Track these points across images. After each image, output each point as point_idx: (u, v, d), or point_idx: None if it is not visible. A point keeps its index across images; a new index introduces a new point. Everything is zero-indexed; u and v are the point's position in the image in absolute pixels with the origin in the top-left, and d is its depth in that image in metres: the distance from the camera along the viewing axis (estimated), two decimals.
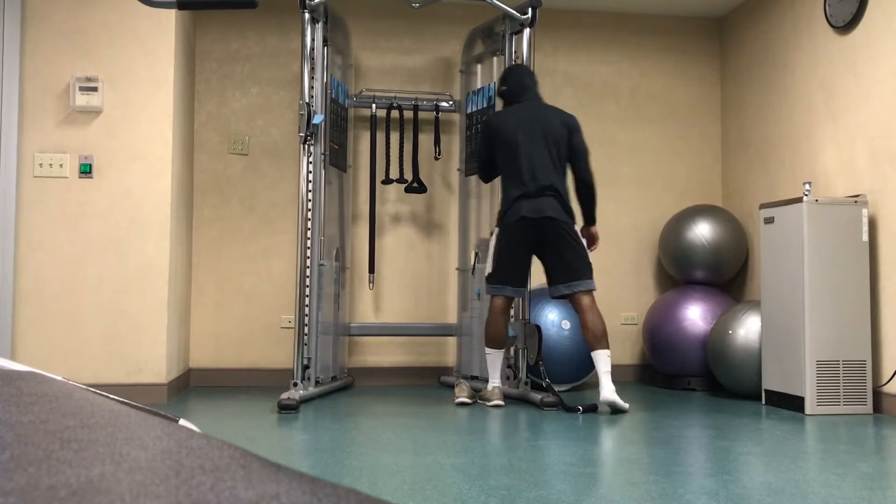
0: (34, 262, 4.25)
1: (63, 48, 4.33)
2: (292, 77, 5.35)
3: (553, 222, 4.10)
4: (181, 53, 4.67)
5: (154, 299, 4.31)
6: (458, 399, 4.31)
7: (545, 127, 4.20)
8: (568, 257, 4.13)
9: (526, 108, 4.27)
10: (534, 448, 3.09)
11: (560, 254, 4.13)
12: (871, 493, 2.40)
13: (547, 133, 4.19)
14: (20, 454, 0.51)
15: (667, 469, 2.73)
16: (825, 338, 4.09)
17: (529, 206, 4.11)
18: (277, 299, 5.25)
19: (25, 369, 0.99)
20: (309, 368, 4.38)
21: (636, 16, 5.80)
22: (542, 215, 4.09)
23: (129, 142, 4.35)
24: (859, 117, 4.39)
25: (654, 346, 5.20)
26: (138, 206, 4.33)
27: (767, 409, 4.26)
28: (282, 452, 2.98)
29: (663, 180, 5.77)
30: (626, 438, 3.36)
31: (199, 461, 0.52)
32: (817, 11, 4.73)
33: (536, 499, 2.29)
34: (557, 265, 4.15)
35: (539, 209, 4.10)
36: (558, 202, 4.13)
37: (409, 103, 5.30)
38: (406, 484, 2.47)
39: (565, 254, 4.13)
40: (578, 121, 4.32)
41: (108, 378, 4.24)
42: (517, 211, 4.13)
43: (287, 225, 5.28)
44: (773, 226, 4.40)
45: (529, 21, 4.61)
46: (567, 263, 4.13)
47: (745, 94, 5.54)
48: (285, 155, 5.32)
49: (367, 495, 0.45)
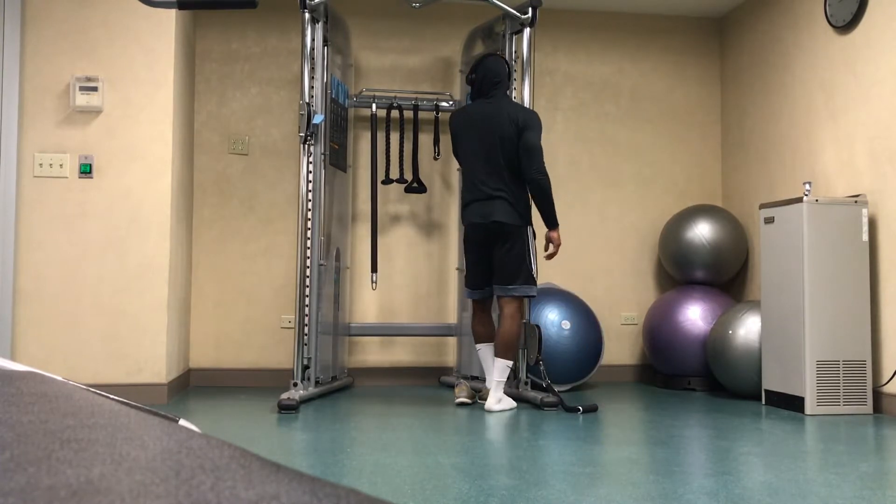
0: (34, 262, 4.25)
1: (63, 48, 4.33)
2: (292, 77, 5.35)
3: (499, 225, 4.08)
4: (181, 53, 4.67)
5: (154, 299, 4.31)
6: (458, 399, 4.31)
7: (495, 127, 4.12)
8: (504, 260, 4.12)
9: (484, 107, 4.21)
10: (534, 448, 3.09)
11: (499, 256, 4.14)
12: (871, 493, 2.40)
13: (498, 133, 4.11)
14: (20, 454, 0.51)
15: (667, 469, 2.73)
16: (825, 338, 4.09)
17: (479, 211, 4.13)
18: (277, 299, 5.25)
19: (25, 369, 0.99)
20: (309, 368, 4.38)
21: (636, 16, 5.80)
22: (489, 220, 4.09)
23: (129, 142, 4.35)
24: (859, 117, 4.39)
25: (654, 346, 5.20)
26: (138, 207, 4.33)
27: (767, 409, 4.26)
28: (282, 452, 2.98)
29: (663, 180, 5.77)
30: (626, 438, 3.36)
31: (199, 461, 0.52)
32: (817, 11, 4.73)
33: (536, 499, 2.29)
34: (496, 267, 4.17)
35: (487, 213, 4.09)
36: (508, 205, 4.08)
37: (409, 103, 5.30)
38: (406, 484, 2.47)
39: (503, 257, 4.13)
40: (536, 118, 4.12)
41: (108, 378, 4.24)
42: (469, 215, 4.18)
43: (287, 225, 5.28)
44: (773, 226, 4.40)
45: (529, 21, 4.61)
46: (501, 266, 4.14)
47: (745, 94, 5.54)
48: (285, 155, 5.32)
49: (367, 495, 0.45)
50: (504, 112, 4.15)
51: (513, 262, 4.11)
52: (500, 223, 4.08)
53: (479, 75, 4.28)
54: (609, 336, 5.63)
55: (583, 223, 5.65)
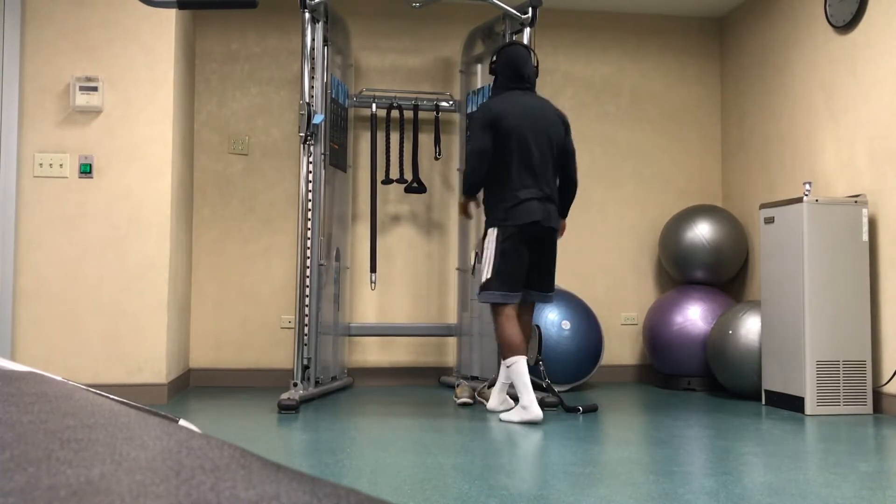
0: (34, 262, 4.25)
1: (63, 48, 4.33)
2: (292, 77, 5.35)
3: (553, 232, 3.93)
4: (181, 53, 4.67)
5: (154, 299, 4.31)
6: (459, 399, 4.31)
7: (549, 126, 3.93)
8: (550, 267, 3.98)
9: (531, 100, 3.94)
10: (534, 448, 3.09)
11: (546, 262, 3.96)
12: (871, 493, 2.40)
13: (550, 132, 3.93)
14: (20, 454, 0.51)
15: (667, 469, 2.73)
16: (825, 338, 4.09)
17: (541, 211, 3.84)
18: (277, 299, 5.25)
19: (25, 369, 0.99)
20: (309, 368, 4.37)
21: (636, 16, 5.80)
22: (547, 224, 3.86)
23: (129, 142, 4.35)
24: (859, 117, 4.39)
25: (654, 346, 5.20)
26: (138, 207, 4.33)
27: (767, 409, 4.26)
28: (282, 452, 2.98)
29: (663, 180, 5.77)
30: (625, 438, 3.36)
31: (199, 461, 0.52)
32: (817, 11, 4.73)
33: (536, 499, 2.29)
34: (542, 272, 3.96)
35: (547, 216, 3.86)
36: (556, 209, 3.95)
37: (409, 103, 5.30)
38: (406, 484, 2.47)
39: (549, 264, 3.97)
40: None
41: (108, 378, 4.24)
42: (529, 214, 3.81)
43: (287, 225, 5.28)
44: (773, 226, 4.40)
45: (529, 21, 4.61)
46: (548, 273, 3.98)
47: (745, 95, 5.54)
48: (285, 155, 5.32)
49: (367, 495, 0.45)
50: (552, 110, 3.97)
51: (554, 269, 4.01)
52: (553, 230, 3.91)
53: (512, 62, 3.96)
54: (609, 336, 5.63)
55: (583, 223, 5.64)
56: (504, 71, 4.00)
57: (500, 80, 4.03)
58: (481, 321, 4.94)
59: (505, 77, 4.01)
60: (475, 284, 4.99)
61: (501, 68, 4.01)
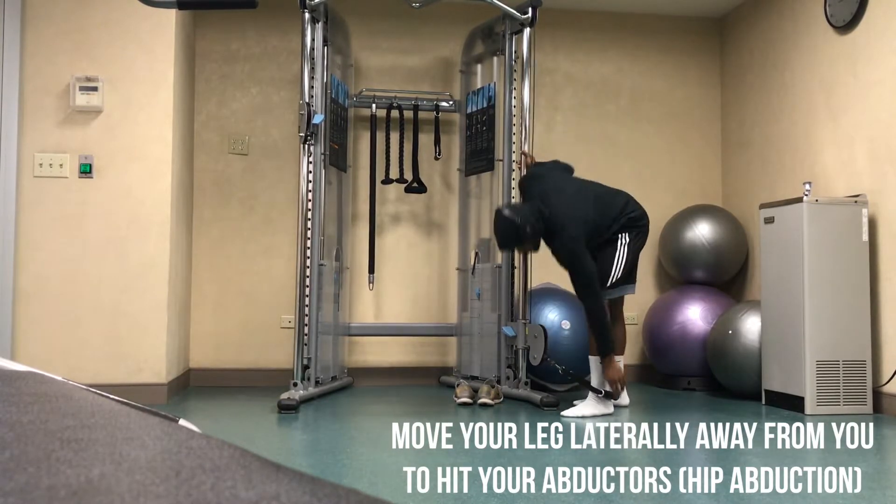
0: (34, 262, 4.25)
1: (63, 48, 4.32)
2: (292, 77, 5.35)
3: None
4: (181, 53, 4.66)
5: (154, 299, 4.31)
6: (459, 399, 4.31)
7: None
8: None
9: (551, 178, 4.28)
10: (534, 448, 3.09)
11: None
12: (871, 493, 2.40)
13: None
14: (20, 454, 0.51)
15: (666, 469, 2.73)
16: (825, 338, 4.09)
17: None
18: (277, 299, 5.25)
19: (25, 369, 0.99)
20: (309, 368, 4.37)
21: (636, 16, 5.80)
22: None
23: (129, 142, 4.35)
24: (859, 117, 4.39)
25: (654, 346, 5.20)
26: (138, 207, 4.33)
27: (767, 409, 4.26)
28: (282, 452, 2.98)
29: (663, 180, 5.76)
30: (625, 438, 3.36)
31: (199, 461, 0.52)
32: (817, 11, 4.73)
33: (537, 498, 2.29)
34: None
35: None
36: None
37: (409, 103, 5.29)
38: (406, 484, 2.47)
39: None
40: None
41: (108, 378, 4.24)
42: (645, 217, 4.22)
43: (287, 225, 5.28)
44: (773, 226, 4.39)
45: (529, 21, 4.61)
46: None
47: (745, 94, 5.54)
48: (285, 155, 5.32)
49: (367, 495, 0.45)
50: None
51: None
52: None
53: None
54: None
55: None
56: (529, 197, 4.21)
57: (530, 193, 4.22)
58: (481, 321, 4.94)
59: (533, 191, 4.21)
60: (475, 284, 4.99)
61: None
